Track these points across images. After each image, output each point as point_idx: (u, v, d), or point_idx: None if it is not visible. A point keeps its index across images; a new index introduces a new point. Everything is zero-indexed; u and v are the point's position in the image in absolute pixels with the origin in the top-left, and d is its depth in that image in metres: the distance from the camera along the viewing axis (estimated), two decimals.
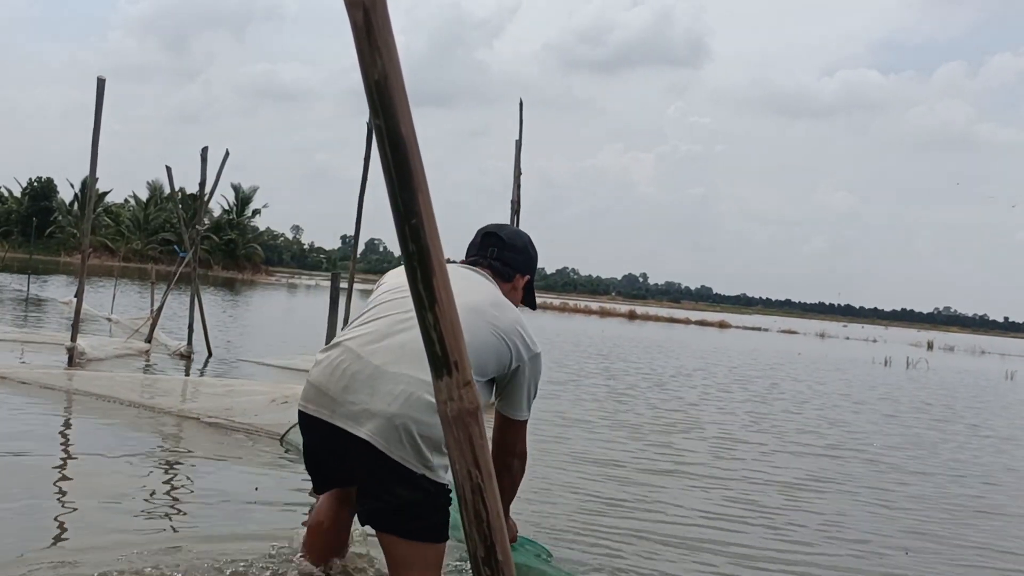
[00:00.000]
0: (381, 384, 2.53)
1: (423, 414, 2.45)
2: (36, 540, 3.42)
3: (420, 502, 2.51)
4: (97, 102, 8.28)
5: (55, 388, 7.14)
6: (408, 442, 2.46)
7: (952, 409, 13.64)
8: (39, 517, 3.76)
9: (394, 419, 2.46)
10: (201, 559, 3.26)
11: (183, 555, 3.36)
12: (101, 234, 65.28)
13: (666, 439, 7.78)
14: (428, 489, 2.51)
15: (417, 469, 2.47)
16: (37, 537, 3.46)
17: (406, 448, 2.46)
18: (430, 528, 2.56)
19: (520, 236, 3.20)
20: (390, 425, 2.46)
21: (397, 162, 1.15)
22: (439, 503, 2.54)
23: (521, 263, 3.11)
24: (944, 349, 47.35)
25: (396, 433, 2.46)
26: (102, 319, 15.07)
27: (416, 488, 2.49)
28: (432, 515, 2.55)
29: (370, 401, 2.51)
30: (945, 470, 7.64)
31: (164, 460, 5.14)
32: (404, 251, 1.20)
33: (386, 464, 2.47)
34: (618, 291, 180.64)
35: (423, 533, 2.56)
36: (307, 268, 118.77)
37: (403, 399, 2.48)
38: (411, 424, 2.46)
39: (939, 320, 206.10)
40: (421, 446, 2.47)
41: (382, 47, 1.11)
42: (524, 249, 3.15)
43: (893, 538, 4.99)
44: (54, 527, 3.64)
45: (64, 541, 3.49)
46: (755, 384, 14.83)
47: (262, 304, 30.30)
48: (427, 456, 2.48)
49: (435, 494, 2.52)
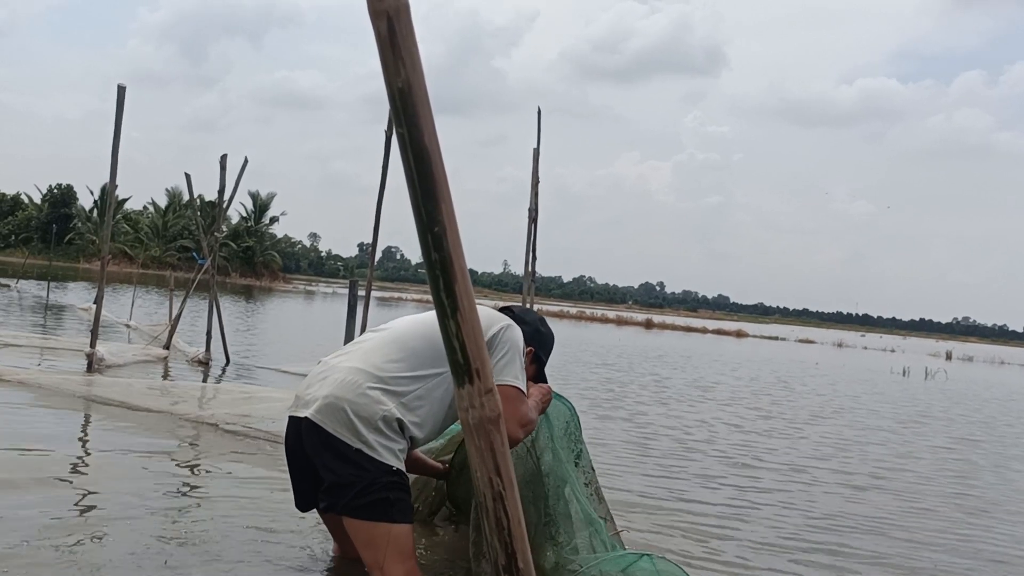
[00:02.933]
0: (329, 376, 2.95)
1: (354, 396, 2.83)
2: (54, 538, 3.43)
3: (357, 478, 2.78)
4: (117, 110, 8.35)
5: (74, 394, 7.19)
6: (343, 419, 2.81)
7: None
8: (58, 513, 3.78)
9: (328, 398, 2.85)
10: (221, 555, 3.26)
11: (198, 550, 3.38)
12: (120, 241, 65.64)
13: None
14: (365, 466, 2.78)
15: (353, 443, 2.79)
16: (55, 535, 3.47)
17: (341, 424, 2.81)
18: (372, 506, 2.79)
19: (531, 313, 3.56)
20: (326, 404, 2.84)
21: (420, 172, 1.15)
22: (381, 481, 2.79)
23: (528, 334, 3.36)
24: (963, 359, 46.95)
25: (332, 411, 2.82)
26: (121, 325, 15.15)
27: (351, 463, 2.79)
28: (373, 492, 2.78)
29: (318, 390, 2.92)
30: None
31: (180, 464, 5.16)
32: (427, 259, 1.19)
33: (325, 439, 2.81)
34: (635, 300, 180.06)
35: (366, 511, 2.80)
36: (325, 276, 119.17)
37: (338, 383, 2.87)
38: (344, 403, 2.82)
39: (958, 330, 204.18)
40: (355, 423, 2.80)
41: (406, 57, 1.11)
42: (533, 323, 3.48)
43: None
44: (72, 525, 3.66)
45: (82, 541, 3.51)
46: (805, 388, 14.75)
47: (280, 311, 30.39)
48: (362, 432, 2.79)
49: (373, 471, 2.79)
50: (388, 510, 2.80)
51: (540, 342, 3.50)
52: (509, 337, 3.14)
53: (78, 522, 3.80)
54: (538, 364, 3.48)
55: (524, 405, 3.14)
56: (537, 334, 3.47)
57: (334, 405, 2.83)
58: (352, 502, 2.80)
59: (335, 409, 2.82)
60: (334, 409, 2.83)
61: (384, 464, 2.80)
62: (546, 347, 3.56)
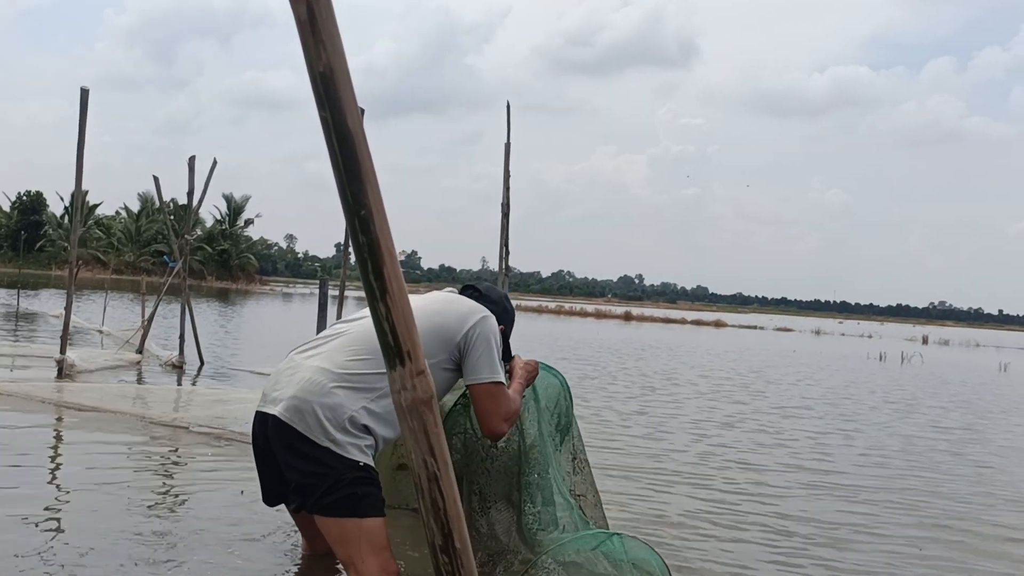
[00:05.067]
0: (296, 374, 2.95)
1: (320, 397, 2.83)
2: (26, 547, 3.41)
3: (323, 476, 2.79)
4: (81, 113, 8.26)
5: (44, 400, 7.12)
6: (311, 418, 2.81)
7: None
8: (29, 529, 3.75)
9: (295, 399, 2.85)
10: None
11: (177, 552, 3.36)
12: (92, 247, 65.05)
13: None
14: (331, 464, 2.80)
15: (320, 441, 2.80)
16: (27, 545, 3.45)
17: (308, 422, 2.81)
18: (340, 502, 2.80)
19: (495, 291, 3.56)
20: (293, 403, 2.85)
21: (345, 154, 1.15)
22: (347, 477, 2.80)
23: (497, 314, 3.36)
24: (939, 343, 47.40)
25: (299, 411, 2.83)
26: (93, 331, 15.03)
27: (317, 462, 2.80)
28: (340, 489, 2.79)
29: (285, 388, 2.92)
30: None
31: (152, 467, 5.13)
32: (355, 243, 1.20)
33: (294, 436, 2.82)
34: (614, 293, 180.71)
35: (335, 508, 2.81)
36: (302, 277, 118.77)
37: (305, 383, 2.88)
38: (311, 405, 2.82)
39: (934, 315, 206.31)
40: (323, 422, 2.80)
41: (326, 40, 1.11)
42: (499, 301, 3.48)
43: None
44: (46, 535, 3.63)
45: (54, 548, 3.48)
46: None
47: (256, 313, 30.23)
48: (330, 431, 2.80)
49: (340, 468, 2.80)
50: (356, 505, 2.80)
51: (509, 319, 3.53)
52: (483, 331, 3.15)
53: (48, 525, 3.78)
54: (505, 340, 3.47)
55: (505, 399, 3.17)
56: (505, 313, 3.49)
57: (300, 406, 2.83)
58: (320, 500, 2.81)
59: (302, 410, 2.83)
60: (301, 410, 2.83)
61: (350, 460, 2.80)
62: (512, 322, 3.59)
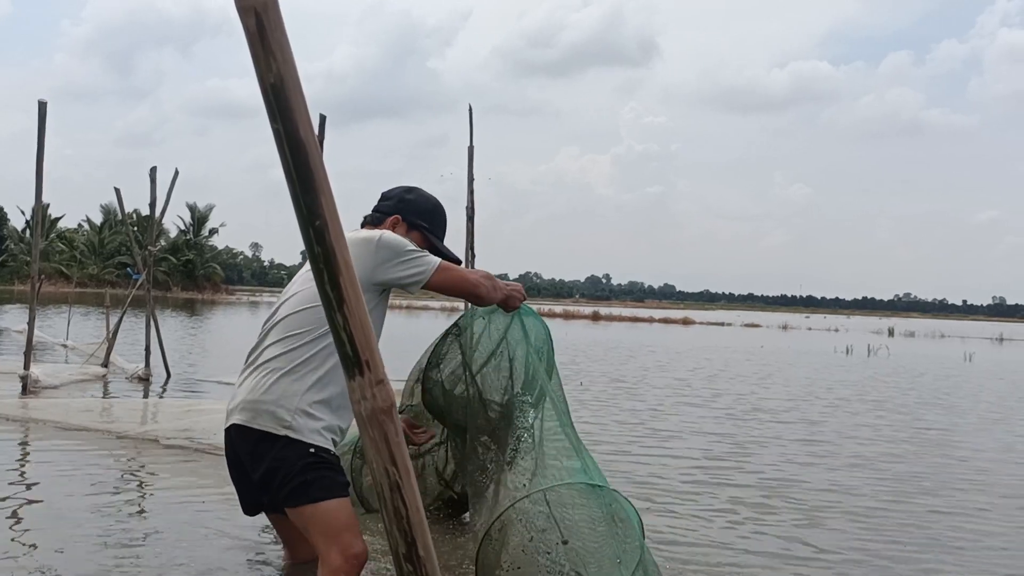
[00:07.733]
0: (245, 382, 2.92)
1: (263, 393, 2.81)
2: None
3: (278, 468, 2.76)
4: (40, 126, 8.18)
5: (9, 417, 7.03)
6: (265, 414, 2.79)
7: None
8: None
9: (245, 401, 2.85)
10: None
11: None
12: (55, 260, 64.03)
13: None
14: (285, 455, 2.76)
15: (279, 432, 2.77)
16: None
17: (264, 418, 2.79)
18: (293, 493, 2.76)
19: (397, 188, 3.40)
20: (247, 406, 2.84)
21: (298, 165, 1.16)
22: (297, 466, 2.76)
23: (389, 207, 3.29)
24: (905, 335, 47.99)
25: (253, 410, 2.82)
26: (57, 346, 14.83)
27: (275, 457, 2.77)
28: (292, 479, 2.75)
29: (237, 397, 2.91)
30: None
31: (120, 483, 5.08)
32: (310, 253, 1.21)
33: (255, 438, 2.80)
34: (582, 293, 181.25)
35: (291, 499, 2.78)
36: (268, 285, 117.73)
37: (250, 385, 2.86)
38: (261, 401, 2.80)
39: (899, 307, 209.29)
40: (276, 412, 2.78)
41: (276, 51, 1.12)
42: (396, 196, 3.33)
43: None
44: (15, 551, 3.59)
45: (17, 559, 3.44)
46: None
47: (223, 323, 29.93)
48: (284, 418, 2.78)
49: (292, 457, 2.76)
50: (307, 490, 2.75)
51: (407, 208, 3.30)
52: (384, 254, 2.97)
53: (16, 544, 3.73)
54: (423, 235, 3.29)
55: (459, 269, 3.15)
56: (401, 202, 3.30)
57: (254, 406, 2.83)
58: (277, 493, 2.79)
59: (255, 409, 2.82)
60: (254, 409, 2.82)
61: (304, 444, 2.76)
62: (420, 212, 3.32)
